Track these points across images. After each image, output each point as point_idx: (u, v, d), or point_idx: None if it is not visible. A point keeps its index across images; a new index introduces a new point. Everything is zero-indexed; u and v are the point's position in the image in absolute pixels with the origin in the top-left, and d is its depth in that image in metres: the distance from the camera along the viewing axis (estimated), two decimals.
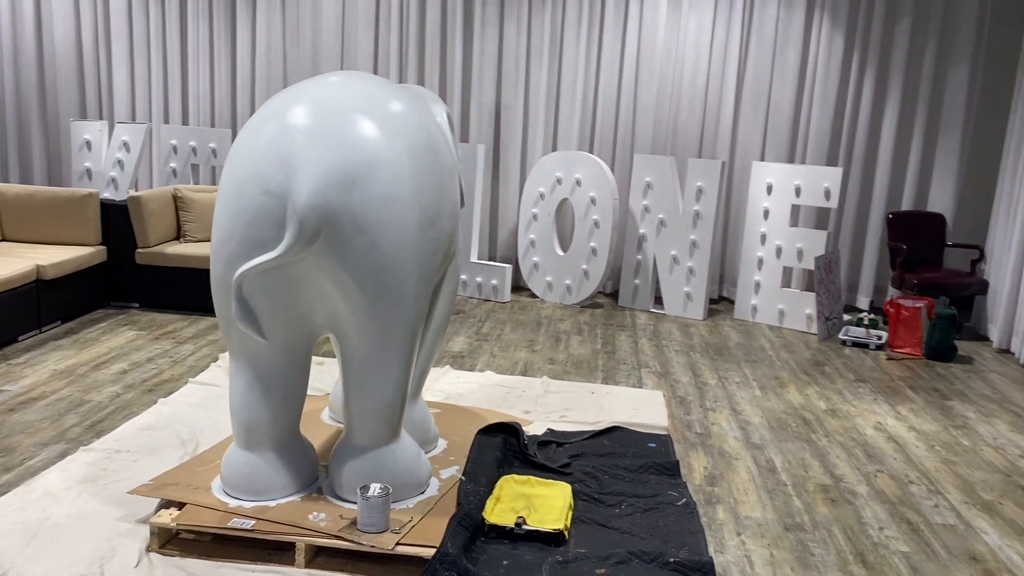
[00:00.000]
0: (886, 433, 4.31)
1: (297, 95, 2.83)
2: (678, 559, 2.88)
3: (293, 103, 2.79)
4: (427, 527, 2.87)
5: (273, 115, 2.79)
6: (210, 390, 4.37)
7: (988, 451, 4.15)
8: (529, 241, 6.86)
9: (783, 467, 3.83)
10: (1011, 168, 6.17)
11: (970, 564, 3.05)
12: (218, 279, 2.83)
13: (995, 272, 6.29)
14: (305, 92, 2.84)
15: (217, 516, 2.86)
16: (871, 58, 6.68)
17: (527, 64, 7.02)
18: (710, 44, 6.80)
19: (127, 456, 3.53)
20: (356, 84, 2.89)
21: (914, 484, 3.71)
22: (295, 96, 2.83)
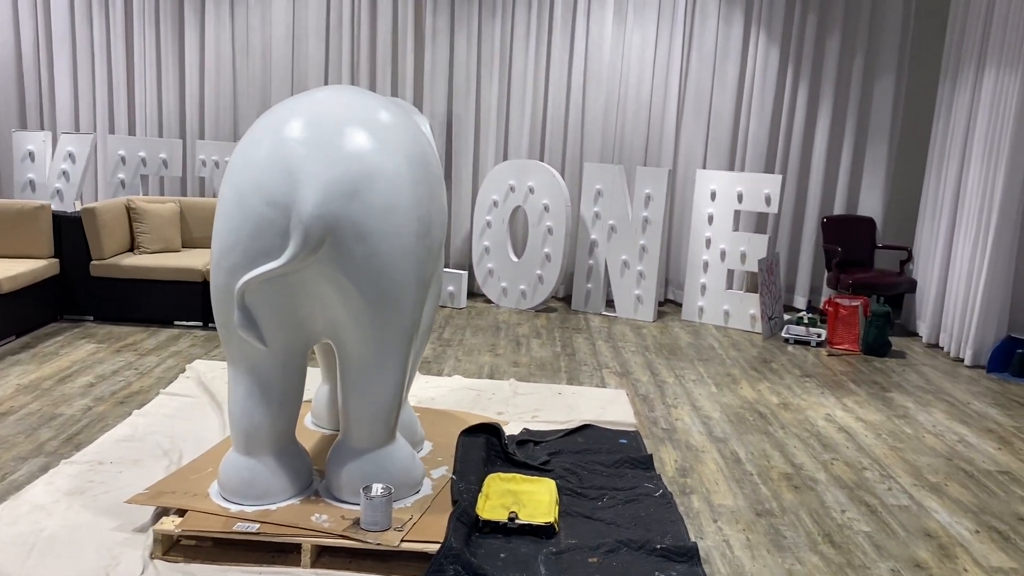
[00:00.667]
0: (836, 424, 4.59)
1: (292, 109, 2.91)
2: (664, 546, 3.06)
3: (290, 117, 2.88)
4: (427, 524, 2.98)
5: (270, 129, 2.86)
6: (183, 401, 4.38)
7: (930, 438, 4.46)
8: (483, 248, 7.00)
9: (747, 458, 4.05)
10: (935, 174, 6.59)
11: (926, 540, 3.31)
12: (220, 289, 2.89)
13: (922, 272, 6.70)
14: (300, 106, 2.92)
15: (220, 521, 2.91)
16: (804, 70, 7.04)
17: (478, 74, 7.16)
18: (653, 57, 7.07)
19: (111, 468, 3.54)
20: (349, 97, 2.98)
21: (867, 470, 3.98)
22: (291, 110, 2.91)
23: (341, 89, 3.06)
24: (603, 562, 2.98)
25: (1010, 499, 3.74)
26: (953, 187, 6.26)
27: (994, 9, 5.89)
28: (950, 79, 6.45)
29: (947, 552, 3.22)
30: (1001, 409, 5.00)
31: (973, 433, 4.56)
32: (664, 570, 2.95)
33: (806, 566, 3.06)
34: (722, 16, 7.01)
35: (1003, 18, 5.76)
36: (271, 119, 2.91)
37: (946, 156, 6.42)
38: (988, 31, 5.96)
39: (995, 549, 3.27)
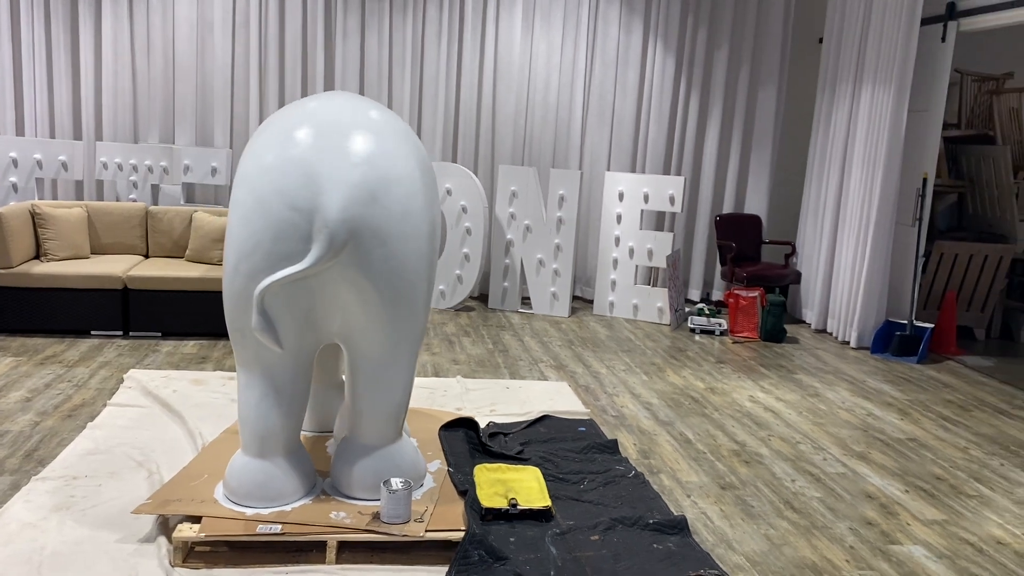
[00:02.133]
0: (760, 404, 5.03)
1: (304, 115, 2.96)
2: (656, 520, 3.32)
3: (304, 123, 2.92)
4: (441, 514, 3.11)
5: (285, 134, 2.90)
6: (135, 411, 4.25)
7: (843, 413, 4.97)
8: None
9: (695, 439, 4.39)
10: (817, 177, 7.25)
11: (868, 501, 3.74)
12: (237, 293, 2.89)
13: (807, 265, 7.35)
14: (311, 112, 2.98)
15: (241, 525, 2.92)
16: (696, 79, 7.55)
17: (390, 75, 7.22)
18: (559, 62, 7.37)
19: (88, 482, 3.43)
20: (357, 103, 3.06)
21: (800, 444, 4.41)
22: (302, 116, 2.96)
23: (345, 95, 3.14)
24: (604, 539, 3.20)
25: (923, 462, 4.25)
26: (835, 190, 6.92)
27: (868, 32, 6.56)
28: (828, 93, 7.11)
29: (888, 510, 3.66)
30: (892, 385, 5.61)
31: (876, 407, 5.11)
32: (660, 542, 3.21)
33: (779, 530, 3.40)
34: (623, 25, 7.40)
35: (877, 40, 6.43)
36: (283, 125, 2.95)
37: (827, 162, 7.07)
38: (864, 51, 6.63)
39: (926, 505, 3.73)
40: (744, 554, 3.19)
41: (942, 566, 3.18)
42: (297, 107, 3.06)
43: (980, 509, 3.72)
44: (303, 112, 2.99)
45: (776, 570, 3.08)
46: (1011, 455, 4.43)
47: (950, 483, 4.00)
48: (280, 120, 2.99)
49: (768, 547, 3.25)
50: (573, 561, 3.02)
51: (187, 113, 6.94)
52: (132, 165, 6.62)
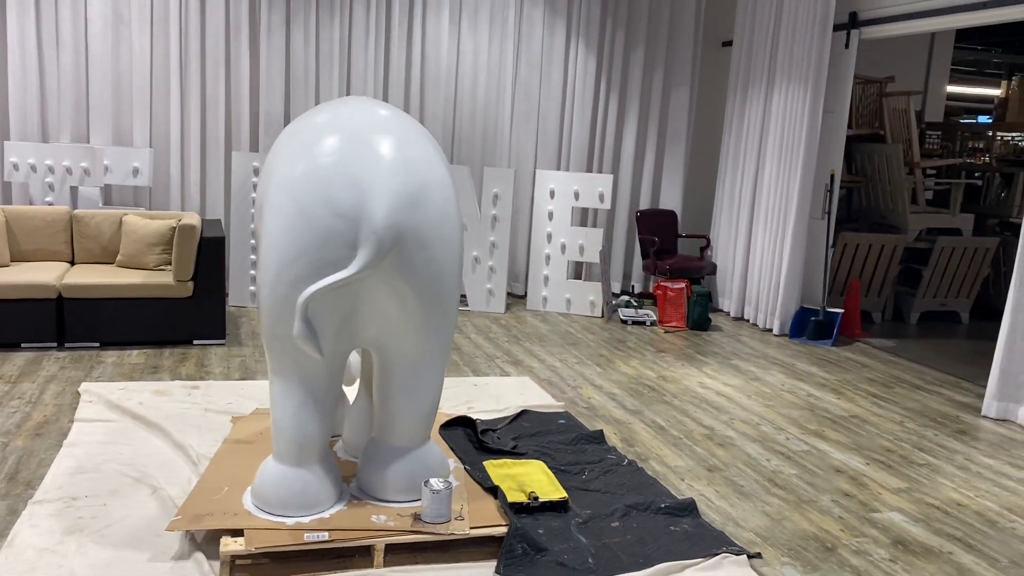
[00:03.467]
0: (711, 390, 5.33)
1: (335, 122, 2.95)
2: (667, 504, 3.51)
3: (337, 129, 2.92)
4: (475, 511, 3.18)
5: (320, 141, 2.89)
6: (106, 426, 4.06)
7: (786, 395, 5.34)
8: None
9: (667, 425, 4.62)
10: (731, 173, 7.68)
11: (838, 475, 4.08)
12: (280, 300, 2.86)
13: (721, 256, 7.77)
14: (341, 118, 2.97)
15: (287, 534, 2.89)
16: (615, 79, 7.83)
17: (316, 73, 7.10)
18: (487, 62, 7.46)
19: (90, 502, 3.28)
20: (386, 110, 3.07)
21: (761, 425, 4.73)
22: (334, 123, 2.95)
23: (362, 100, 3.14)
24: (623, 525, 3.36)
25: (871, 436, 4.65)
26: (751, 186, 7.35)
27: (779, 37, 7.01)
28: (740, 94, 7.54)
29: (858, 482, 4.00)
30: (818, 367, 6.05)
31: (812, 388, 5.52)
32: (676, 524, 3.40)
33: (773, 506, 3.67)
34: (547, 25, 7.57)
35: (789, 45, 6.88)
36: (316, 131, 2.93)
37: (741, 160, 7.50)
38: (775, 55, 7.08)
39: (887, 475, 4.10)
40: (752, 530, 3.43)
41: (921, 529, 3.53)
42: (324, 113, 3.04)
43: (932, 476, 4.13)
44: (334, 118, 2.98)
45: (784, 543, 3.33)
46: (940, 426, 4.90)
47: (899, 454, 4.40)
48: (311, 126, 2.97)
49: (770, 523, 3.51)
50: (604, 548, 3.16)
51: (103, 111, 6.59)
52: (48, 166, 6.23)
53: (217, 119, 6.89)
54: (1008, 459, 4.42)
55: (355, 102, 3.11)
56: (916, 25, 6.24)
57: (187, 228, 5.38)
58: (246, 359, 5.34)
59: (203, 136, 6.93)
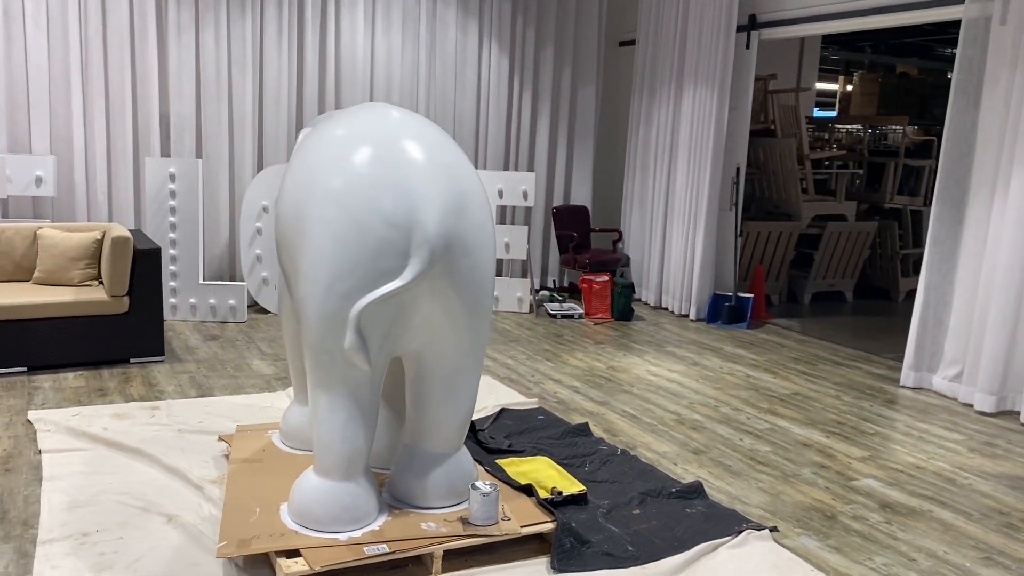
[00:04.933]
0: (662, 377, 5.57)
1: (372, 130, 2.92)
2: (677, 489, 3.68)
3: (379, 138, 2.89)
4: (515, 510, 3.23)
5: (361, 151, 2.85)
6: (79, 455, 3.80)
7: (728, 377, 5.66)
8: (255, 256, 6.74)
9: (638, 413, 4.81)
10: (640, 170, 7.99)
11: (807, 448, 4.39)
12: (332, 314, 2.80)
13: (635, 248, 8.09)
14: (376, 126, 2.95)
15: (347, 550, 2.84)
16: (527, 79, 7.97)
17: (229, 74, 6.82)
18: (401, 63, 7.41)
19: (104, 536, 3.09)
20: (414, 117, 3.07)
21: (720, 407, 5.00)
22: (370, 130, 2.92)
23: (386, 106, 3.12)
24: (644, 512, 3.51)
25: (817, 411, 5.02)
26: (663, 181, 7.69)
27: (686, 36, 7.37)
28: (647, 93, 7.85)
29: (826, 454, 4.33)
30: (745, 349, 6.44)
31: (747, 369, 5.87)
32: (691, 507, 3.58)
33: (765, 483, 3.92)
34: (459, 25, 7.60)
35: (695, 44, 7.25)
36: (353, 140, 2.89)
37: (652, 155, 7.82)
38: (683, 55, 7.43)
39: (848, 446, 4.46)
40: (756, 506, 3.66)
41: (897, 492, 3.88)
42: (356, 120, 3.00)
43: (885, 444, 4.52)
44: (370, 126, 2.95)
45: (791, 516, 3.58)
46: (871, 396, 5.35)
47: (849, 426, 4.79)
48: (336, 139, 2.93)
49: (769, 498, 3.75)
50: (637, 535, 3.30)
51: None
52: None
53: (124, 123, 6.50)
54: (939, 423, 4.90)
55: (380, 108, 3.08)
56: (809, 28, 6.73)
57: (121, 240, 5.08)
58: (194, 375, 5.11)
59: (109, 141, 6.52)
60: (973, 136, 5.26)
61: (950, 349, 5.42)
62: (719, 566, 3.10)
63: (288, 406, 3.76)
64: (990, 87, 5.12)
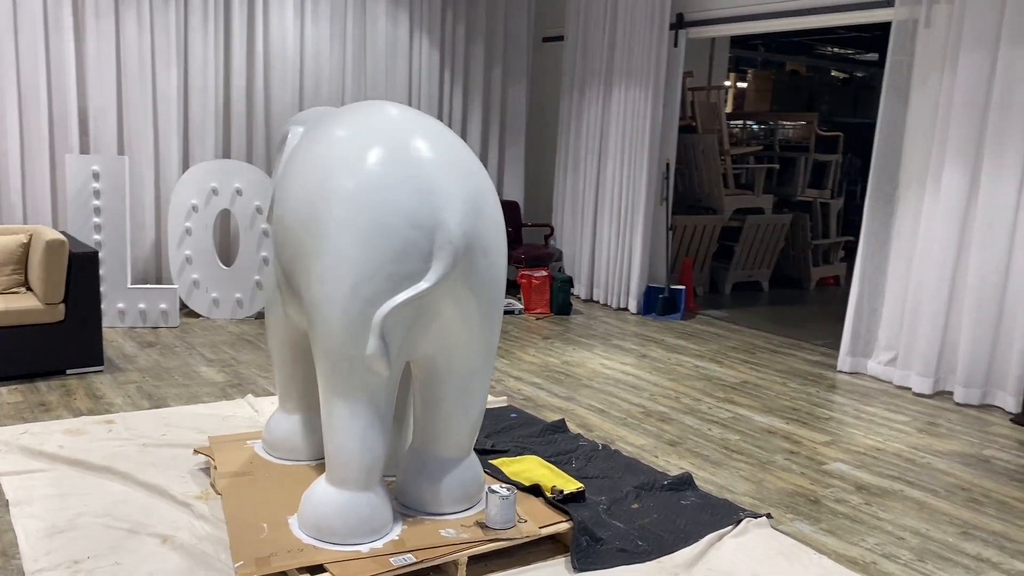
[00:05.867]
0: (616, 371, 5.65)
1: (367, 128, 2.85)
2: (669, 481, 3.75)
3: (395, 137, 2.81)
4: (527, 513, 3.21)
5: (377, 150, 2.77)
6: (44, 477, 3.54)
7: (678, 368, 5.80)
8: (184, 258, 6.43)
9: (604, 407, 4.87)
10: (572, 166, 8.06)
11: (772, 435, 4.55)
12: (354, 319, 2.70)
13: (567, 243, 8.16)
14: (375, 124, 2.88)
15: (373, 563, 2.75)
16: (458, 74, 7.90)
17: (152, 63, 6.46)
18: (329, 55, 7.21)
19: (98, 563, 2.88)
20: (419, 115, 3.00)
21: (681, 398, 5.12)
22: (375, 129, 2.85)
23: (390, 104, 3.04)
24: (643, 506, 3.56)
25: (771, 398, 5.21)
26: (594, 177, 7.78)
27: (616, 35, 7.47)
28: (576, 91, 7.92)
29: (792, 439, 4.51)
30: (685, 340, 6.61)
31: (693, 359, 6.03)
32: (684, 498, 3.65)
33: (745, 471, 4.04)
34: (390, 17, 7.46)
35: (626, 43, 7.37)
36: (368, 139, 2.80)
37: (583, 152, 7.90)
38: (613, 54, 7.53)
39: (809, 431, 4.65)
40: (743, 494, 3.76)
41: (866, 473, 4.07)
42: (359, 118, 2.91)
43: (841, 428, 4.74)
44: (376, 124, 2.87)
45: (778, 502, 3.70)
46: (814, 383, 5.60)
47: (804, 412, 4.99)
48: (352, 134, 2.84)
49: (753, 486, 3.87)
50: (643, 529, 3.34)
51: None
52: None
53: (39, 117, 6.07)
54: (882, 406, 5.17)
55: (366, 108, 3.01)
56: (736, 28, 6.95)
57: (56, 244, 4.75)
58: (141, 385, 4.84)
59: (22, 137, 6.08)
60: (903, 133, 5.57)
61: (884, 335, 5.72)
62: (729, 555, 3.18)
63: (272, 415, 3.61)
64: (919, 87, 5.43)
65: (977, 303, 5.16)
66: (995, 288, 5.13)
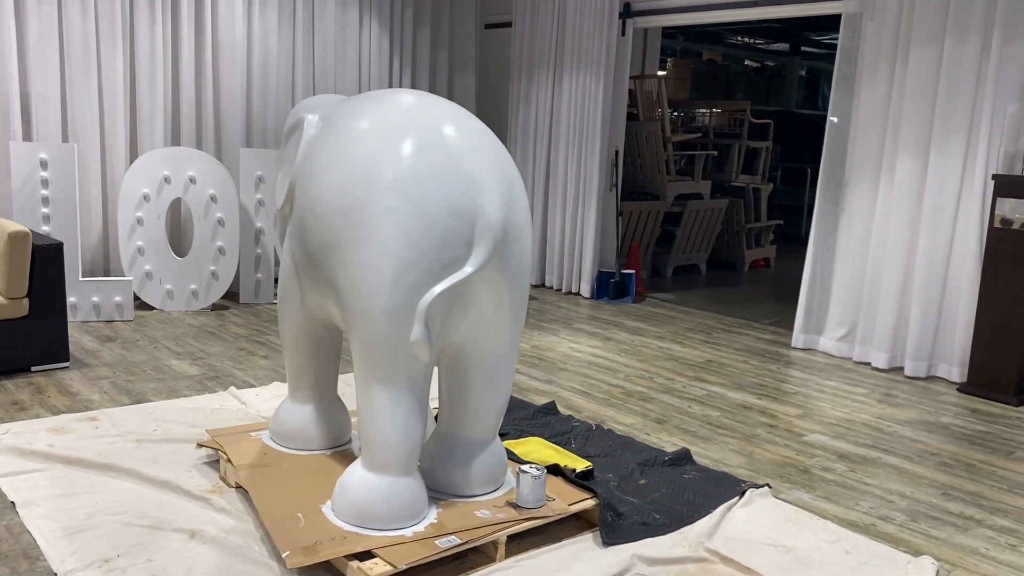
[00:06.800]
0: (586, 352, 5.78)
1: (396, 118, 2.87)
2: (668, 458, 3.89)
3: (428, 125, 2.84)
4: (552, 490, 3.29)
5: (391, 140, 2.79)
6: (43, 476, 3.41)
7: (644, 349, 5.97)
8: (136, 249, 6.22)
9: (585, 389, 4.99)
10: (521, 152, 8.14)
11: (745, 410, 4.76)
12: (398, 307, 2.71)
13: None
14: (419, 112, 2.89)
15: (422, 546, 2.79)
16: (406, 59, 7.86)
17: (97, 49, 6.20)
18: (278, 39, 7.07)
19: (129, 561, 2.82)
20: (445, 102, 3.02)
21: (655, 378, 5.28)
22: (416, 117, 2.86)
23: (409, 92, 3.06)
24: (650, 482, 3.69)
25: (738, 375, 5.43)
26: (544, 164, 7.88)
27: (565, 22, 7.58)
28: (525, 78, 7.99)
29: (768, 414, 4.72)
30: (643, 322, 6.80)
31: (656, 340, 6.22)
32: (687, 472, 3.80)
33: (734, 445, 4.22)
34: (339, 2, 7.35)
35: (576, 30, 7.48)
36: (400, 128, 2.82)
37: (531, 139, 7.98)
38: (562, 42, 7.63)
39: (781, 405, 4.89)
40: (739, 467, 3.94)
41: (844, 443, 4.32)
42: (383, 107, 2.93)
43: (810, 401, 4.99)
44: (412, 114, 2.89)
45: (772, 473, 3.90)
46: (773, 360, 5.86)
47: (772, 387, 5.23)
48: (380, 124, 2.86)
49: (744, 459, 4.05)
50: (656, 503, 3.47)
51: None
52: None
53: None
54: (840, 380, 5.46)
55: (384, 96, 3.02)
56: (683, 18, 7.16)
57: (19, 236, 4.54)
58: (115, 381, 4.68)
59: None
60: (854, 122, 5.86)
61: (836, 313, 6.03)
62: (742, 524, 3.34)
63: (281, 406, 3.57)
64: (869, 78, 5.73)
65: (926, 282, 5.50)
66: (941, 268, 5.48)
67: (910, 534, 3.34)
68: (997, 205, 5.10)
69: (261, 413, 4.28)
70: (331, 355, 3.48)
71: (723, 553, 3.07)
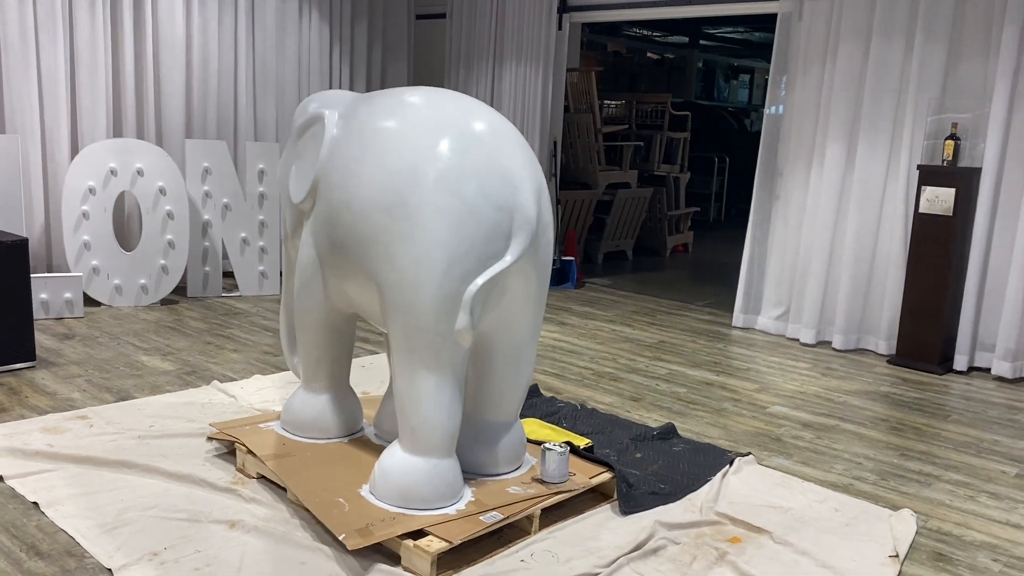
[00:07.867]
0: (548, 337, 6.00)
1: (452, 113, 3.00)
2: (656, 432, 4.16)
3: (464, 121, 2.98)
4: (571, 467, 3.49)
5: (451, 136, 2.93)
6: (57, 475, 3.37)
7: (601, 333, 6.24)
8: (82, 243, 6.03)
9: (558, 372, 5.21)
10: None
11: (713, 387, 5.09)
12: (448, 296, 2.85)
13: None
14: (453, 109, 3.02)
15: (465, 523, 2.94)
16: (345, 49, 7.85)
17: (36, 38, 5.96)
18: (218, 29, 6.95)
19: (178, 552, 2.86)
20: (469, 99, 3.17)
21: (618, 359, 5.56)
22: (447, 115, 3.00)
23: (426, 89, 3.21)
24: (645, 456, 3.95)
25: (691, 354, 5.77)
26: None
27: (504, 15, 7.74)
28: (463, 70, 8.12)
29: (728, 389, 5.07)
30: (589, 307, 7.08)
31: (607, 324, 6.50)
32: (675, 445, 4.08)
33: (708, 418, 4.54)
34: None
35: (515, 26, 7.65)
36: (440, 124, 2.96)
37: None
38: (501, 34, 7.79)
39: (739, 381, 5.24)
40: (719, 439, 4.25)
41: (805, 413, 4.70)
42: (423, 104, 3.05)
43: (762, 376, 5.37)
44: (445, 110, 3.03)
45: (750, 442, 4.22)
46: (719, 339, 6.24)
47: (725, 364, 5.59)
48: (428, 120, 2.98)
49: (721, 432, 4.37)
50: (656, 475, 3.73)
51: None
52: None
53: None
54: (783, 357, 5.88)
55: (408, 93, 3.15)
56: (621, 14, 7.46)
57: None
58: (91, 379, 4.59)
59: None
60: (787, 116, 6.28)
61: (772, 294, 6.47)
62: (739, 489, 3.63)
63: (295, 397, 3.63)
64: (802, 74, 6.15)
65: (854, 262, 5.98)
66: (868, 251, 5.97)
67: (884, 491, 3.71)
68: (921, 192, 5.60)
69: (253, 405, 4.30)
70: (348, 346, 3.57)
71: (731, 515, 3.35)
